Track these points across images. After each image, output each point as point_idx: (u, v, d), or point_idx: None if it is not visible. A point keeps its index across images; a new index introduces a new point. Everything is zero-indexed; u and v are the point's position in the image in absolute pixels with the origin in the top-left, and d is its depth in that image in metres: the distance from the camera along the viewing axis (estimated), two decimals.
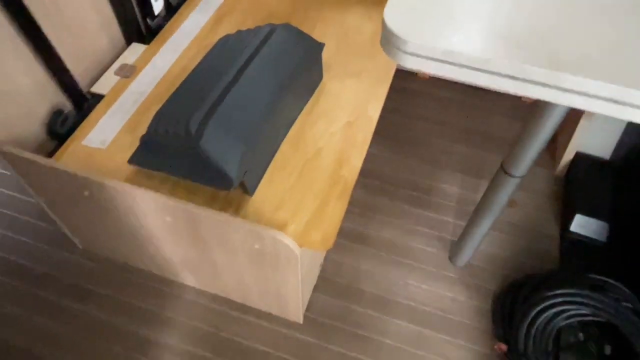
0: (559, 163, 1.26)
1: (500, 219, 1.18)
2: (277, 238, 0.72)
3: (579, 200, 1.17)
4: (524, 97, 1.42)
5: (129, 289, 1.06)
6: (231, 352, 0.98)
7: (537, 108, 0.70)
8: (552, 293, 0.94)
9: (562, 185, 1.25)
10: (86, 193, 0.81)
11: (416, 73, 1.49)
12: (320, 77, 0.97)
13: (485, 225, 0.95)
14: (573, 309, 0.93)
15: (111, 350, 0.98)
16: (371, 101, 0.95)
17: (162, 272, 1.06)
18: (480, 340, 1.01)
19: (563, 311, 0.93)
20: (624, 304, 0.92)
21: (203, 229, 0.78)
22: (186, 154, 0.75)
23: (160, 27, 1.08)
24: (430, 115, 1.39)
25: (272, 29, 0.87)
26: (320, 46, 0.92)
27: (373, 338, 1.01)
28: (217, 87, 0.78)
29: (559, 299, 0.94)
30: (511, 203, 0.87)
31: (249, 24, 1.11)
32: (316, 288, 1.07)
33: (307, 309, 1.04)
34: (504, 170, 0.82)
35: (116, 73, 0.99)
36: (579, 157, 1.25)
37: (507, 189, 0.85)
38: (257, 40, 0.85)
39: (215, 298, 1.05)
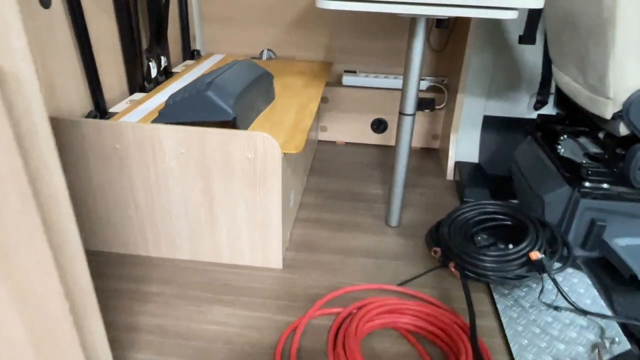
0: (447, 170, 1.76)
1: (415, 203, 1.58)
2: (267, 138, 1.07)
3: (466, 182, 1.63)
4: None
5: (129, 268, 1.23)
6: (227, 291, 1.16)
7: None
8: (462, 206, 1.32)
9: (452, 182, 1.72)
10: (117, 146, 1.12)
11: (335, 141, 2.02)
12: (273, 95, 1.44)
13: (400, 182, 1.36)
14: (480, 210, 1.30)
15: (117, 303, 1.11)
16: (310, 104, 1.41)
17: (159, 251, 1.26)
18: (422, 259, 1.30)
19: (473, 214, 1.30)
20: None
21: (209, 150, 1.10)
22: (197, 105, 1.13)
23: (158, 83, 1.53)
24: (347, 159, 1.87)
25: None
26: (272, 76, 1.42)
27: (342, 266, 1.25)
28: (215, 73, 1.22)
29: (469, 207, 1.31)
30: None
31: None
32: (288, 249, 1.32)
33: (284, 262, 1.27)
34: (401, 113, 1.29)
35: (126, 103, 1.38)
36: (457, 164, 1.76)
37: (406, 128, 1.30)
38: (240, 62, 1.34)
39: (208, 264, 1.26)
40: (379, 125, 1.97)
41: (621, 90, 1.08)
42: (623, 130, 1.14)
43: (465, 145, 1.76)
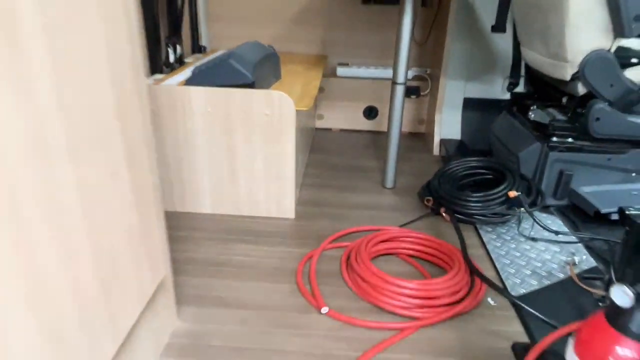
0: (433, 147, 1.96)
1: (407, 171, 1.77)
2: (282, 95, 1.25)
3: (450, 155, 1.83)
4: None
5: None
6: (248, 233, 1.32)
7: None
8: (450, 163, 1.51)
9: (439, 157, 1.92)
10: (152, 108, 1.28)
11: (331, 128, 2.21)
12: (280, 73, 1.64)
13: (393, 148, 1.55)
14: (465, 165, 1.50)
15: None
16: (312, 82, 1.61)
17: (184, 206, 1.42)
18: (416, 210, 1.48)
19: (460, 169, 1.49)
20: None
21: (232, 108, 1.28)
22: (221, 71, 1.31)
23: (174, 68, 1.70)
24: (343, 142, 2.06)
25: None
26: (278, 55, 1.61)
27: (346, 216, 1.43)
28: (233, 49, 1.41)
29: (455, 163, 1.51)
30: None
31: None
32: (298, 205, 1.49)
33: (295, 213, 1.44)
34: (393, 82, 1.49)
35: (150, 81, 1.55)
36: (442, 141, 1.96)
37: (399, 97, 1.50)
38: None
39: (228, 216, 1.41)
40: (370, 112, 2.18)
41: (577, 53, 1.30)
42: (581, 89, 1.35)
43: (448, 125, 1.97)
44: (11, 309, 0.44)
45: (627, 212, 1.25)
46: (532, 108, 1.65)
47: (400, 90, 1.50)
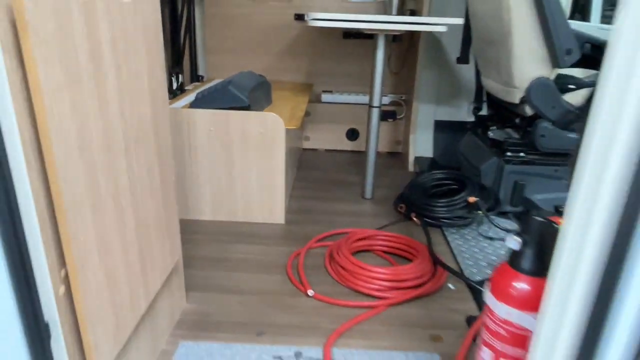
0: (408, 164, 2.19)
1: (384, 185, 1.99)
2: (274, 116, 1.47)
3: (422, 169, 2.05)
4: None
5: None
6: (244, 236, 1.51)
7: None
8: (419, 175, 1.73)
9: (413, 173, 2.15)
10: None
11: (317, 149, 2.43)
12: (271, 99, 1.86)
13: (371, 162, 1.77)
14: (432, 177, 1.71)
15: None
16: (300, 105, 1.83)
17: (187, 214, 1.61)
18: (391, 216, 1.69)
19: (428, 180, 1.71)
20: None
21: (231, 127, 1.49)
22: (221, 96, 1.53)
23: (176, 95, 1.92)
24: (327, 160, 2.28)
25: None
26: (270, 83, 1.84)
27: (330, 221, 1.63)
28: (230, 77, 1.63)
29: (424, 176, 1.72)
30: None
31: None
32: (288, 212, 1.69)
33: (285, 219, 1.63)
34: (370, 106, 1.72)
35: None
36: (416, 158, 2.19)
37: (375, 118, 1.72)
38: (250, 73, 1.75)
39: (226, 222, 1.61)
40: (352, 134, 2.41)
41: (523, 81, 1.55)
42: (529, 111, 1.60)
43: (421, 144, 2.21)
44: (89, 258, 0.63)
45: (559, 209, 1.48)
46: (491, 128, 1.89)
47: (375, 112, 1.73)
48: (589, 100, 1.57)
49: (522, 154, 1.68)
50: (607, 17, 2.28)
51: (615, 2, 1.59)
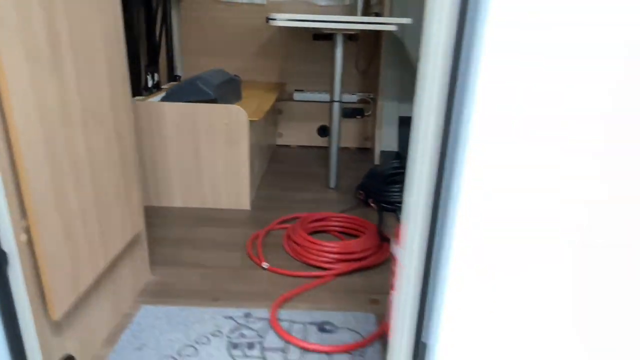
0: (375, 157, 2.31)
1: (350, 176, 2.11)
2: (238, 109, 1.59)
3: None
4: None
5: None
6: (212, 219, 1.63)
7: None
8: (377, 165, 1.85)
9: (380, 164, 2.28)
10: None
11: (289, 145, 2.56)
12: (241, 95, 1.98)
13: (334, 152, 1.89)
14: (389, 166, 1.84)
15: None
16: (268, 101, 1.96)
17: (159, 201, 1.72)
18: (352, 203, 1.81)
19: (385, 169, 1.84)
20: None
21: (198, 119, 1.61)
22: (189, 90, 1.65)
23: (152, 92, 2.03)
24: (298, 155, 2.40)
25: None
26: (240, 79, 1.97)
27: (293, 208, 1.74)
28: (201, 73, 1.75)
29: (381, 165, 1.85)
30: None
31: None
32: (255, 200, 1.81)
33: (251, 205, 1.75)
34: (331, 101, 1.85)
35: None
36: (382, 152, 2.32)
37: (336, 111, 1.85)
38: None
39: (195, 208, 1.72)
40: (323, 131, 2.53)
41: None
42: None
43: (387, 138, 2.34)
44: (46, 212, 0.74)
45: None
46: None
47: (337, 106, 1.85)
48: None
49: None
50: None
51: None
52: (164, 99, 1.68)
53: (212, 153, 1.65)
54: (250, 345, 1.01)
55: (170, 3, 2.29)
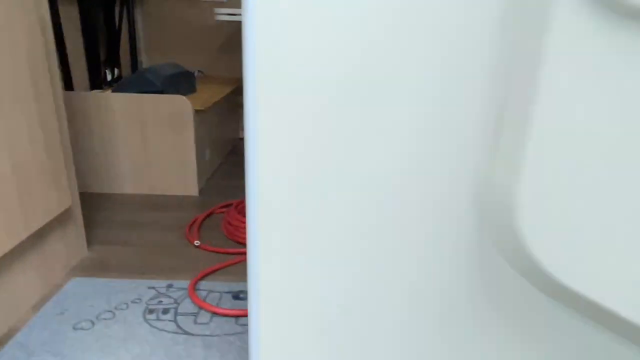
0: None
1: None
2: (183, 99, 1.68)
3: None
4: None
5: (87, 198, 1.76)
6: (160, 204, 1.71)
7: None
8: None
9: None
10: (84, 110, 1.69)
11: None
12: (194, 88, 2.07)
13: None
14: None
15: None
16: (220, 94, 2.04)
17: (110, 188, 1.80)
18: None
19: None
20: None
21: (145, 109, 1.69)
22: (138, 82, 1.73)
23: (111, 86, 2.12)
24: None
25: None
26: (192, 73, 2.05)
27: (242, 194, 1.83)
28: (152, 65, 1.83)
29: None
30: None
31: None
32: (204, 188, 1.89)
33: (200, 192, 1.83)
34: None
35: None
36: None
37: None
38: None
39: (144, 195, 1.80)
40: None
41: None
42: None
43: None
44: None
45: None
46: None
47: None
48: None
49: None
50: None
51: None
52: (114, 90, 1.76)
53: (160, 141, 1.74)
54: (165, 311, 1.09)
55: (133, 1, 2.38)
